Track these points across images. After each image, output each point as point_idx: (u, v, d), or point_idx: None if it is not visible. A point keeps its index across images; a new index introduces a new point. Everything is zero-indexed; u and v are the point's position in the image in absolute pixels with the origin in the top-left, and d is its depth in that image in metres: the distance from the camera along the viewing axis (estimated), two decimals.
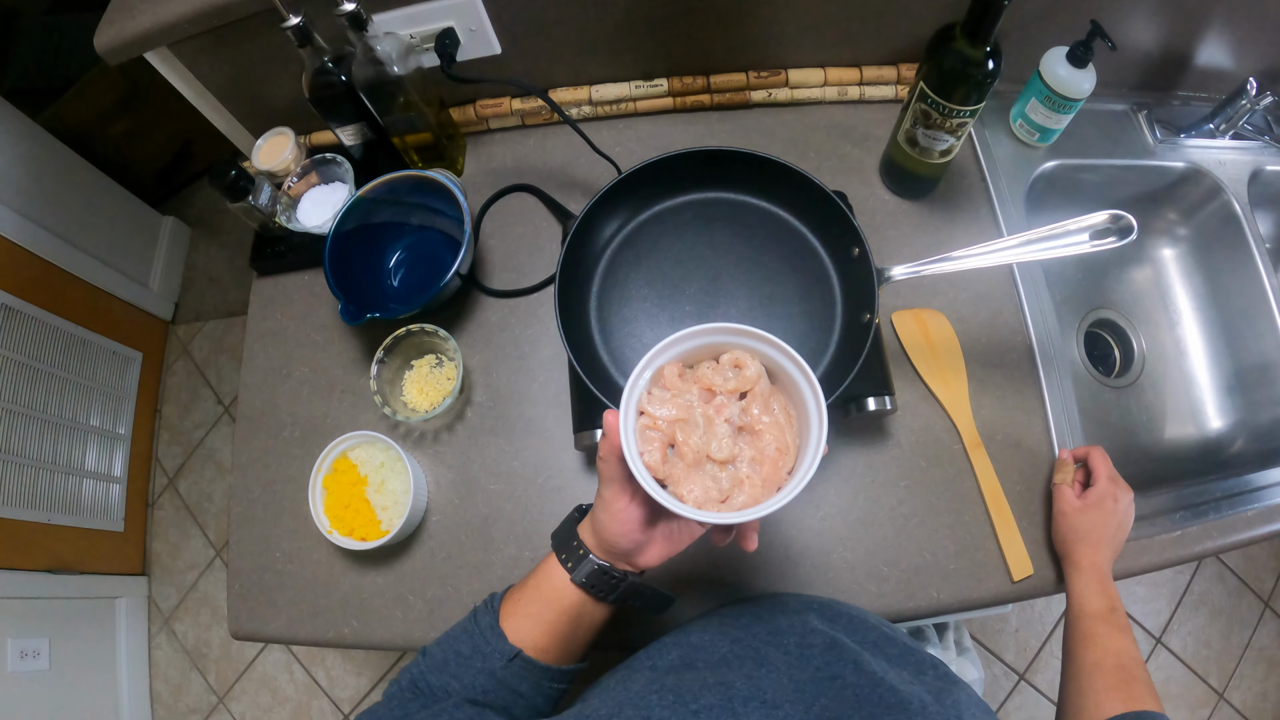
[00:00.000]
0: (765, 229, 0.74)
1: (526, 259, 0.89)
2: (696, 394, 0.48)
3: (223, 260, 2.18)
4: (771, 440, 0.47)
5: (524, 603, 0.53)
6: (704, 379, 0.48)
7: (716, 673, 0.44)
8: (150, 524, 1.98)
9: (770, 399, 0.48)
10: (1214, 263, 1.00)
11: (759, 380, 0.48)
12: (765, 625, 0.52)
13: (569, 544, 0.52)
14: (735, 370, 0.48)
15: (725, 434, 0.47)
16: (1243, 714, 1.65)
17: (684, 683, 0.43)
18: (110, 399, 1.89)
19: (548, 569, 0.53)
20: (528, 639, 0.51)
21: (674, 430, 0.46)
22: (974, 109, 0.72)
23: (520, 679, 0.51)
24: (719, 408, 0.47)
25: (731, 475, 0.47)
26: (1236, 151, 0.95)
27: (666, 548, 0.53)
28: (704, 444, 0.46)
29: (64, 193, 1.80)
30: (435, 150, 0.89)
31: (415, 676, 0.51)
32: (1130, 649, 0.61)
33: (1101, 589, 0.66)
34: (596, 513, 0.51)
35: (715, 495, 0.46)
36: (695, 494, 0.46)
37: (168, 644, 1.88)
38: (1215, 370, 0.99)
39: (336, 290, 0.79)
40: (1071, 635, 0.65)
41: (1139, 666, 0.60)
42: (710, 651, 0.48)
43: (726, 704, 0.40)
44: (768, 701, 0.41)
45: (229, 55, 0.84)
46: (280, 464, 0.85)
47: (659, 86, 0.91)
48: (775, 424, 0.47)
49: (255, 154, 0.91)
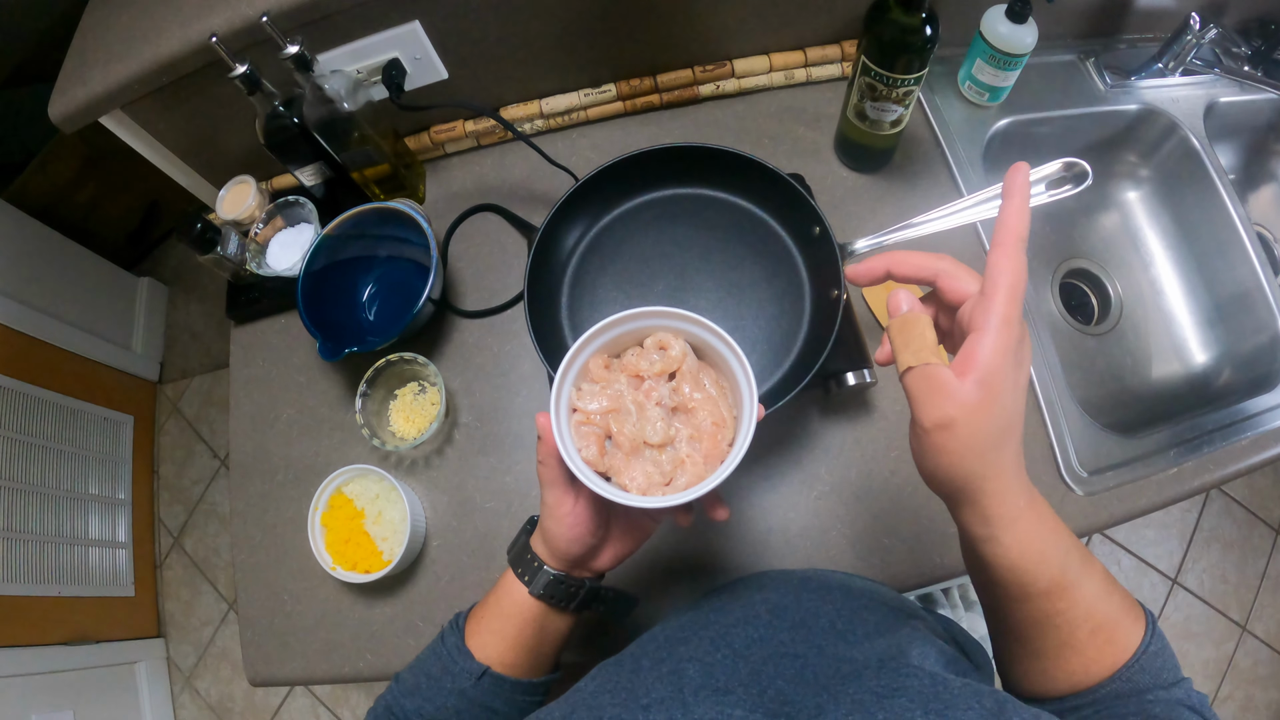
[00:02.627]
0: (726, 219, 0.75)
1: (497, 277, 0.89)
2: (625, 382, 0.48)
3: (202, 314, 2.19)
4: (706, 415, 0.47)
5: (487, 619, 0.53)
6: (630, 366, 0.48)
7: (671, 662, 0.43)
8: (160, 585, 1.98)
9: (699, 374, 0.48)
10: (1179, 200, 1.00)
11: (685, 359, 0.48)
12: (739, 603, 0.51)
13: (524, 558, 0.52)
14: (660, 352, 0.48)
15: (658, 417, 0.47)
16: (1267, 642, 1.66)
17: (637, 679, 0.42)
18: (107, 465, 1.89)
19: (507, 584, 0.53)
20: (494, 655, 0.51)
21: (607, 422, 0.47)
22: (918, 76, 0.73)
23: (491, 695, 0.51)
24: (648, 392, 0.47)
25: (672, 456, 0.47)
26: (1188, 87, 0.95)
27: (621, 548, 0.53)
28: (639, 430, 0.46)
29: (37, 265, 1.80)
30: (395, 181, 0.90)
31: (390, 703, 0.52)
32: (1099, 587, 0.42)
33: (1043, 542, 0.39)
34: (544, 521, 0.50)
35: (658, 479, 0.46)
36: (638, 481, 0.46)
37: (191, 703, 1.87)
38: (1194, 305, 1.00)
39: (312, 329, 0.80)
40: (1018, 617, 0.42)
41: (1113, 598, 0.42)
42: (674, 640, 0.47)
43: (677, 695, 0.40)
44: (720, 688, 0.40)
45: (183, 111, 0.85)
46: (278, 507, 0.85)
47: (607, 92, 0.92)
48: (708, 399, 0.47)
49: (219, 205, 0.91)
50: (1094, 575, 0.42)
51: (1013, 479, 0.38)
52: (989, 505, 0.38)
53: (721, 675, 0.42)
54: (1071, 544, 0.41)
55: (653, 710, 0.38)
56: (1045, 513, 0.41)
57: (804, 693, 0.39)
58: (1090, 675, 0.41)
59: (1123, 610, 0.42)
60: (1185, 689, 0.41)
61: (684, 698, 0.39)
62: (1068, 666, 0.42)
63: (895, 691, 0.36)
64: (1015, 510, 0.39)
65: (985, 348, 0.36)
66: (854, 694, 0.37)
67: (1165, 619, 1.68)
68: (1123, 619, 0.42)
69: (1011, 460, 0.38)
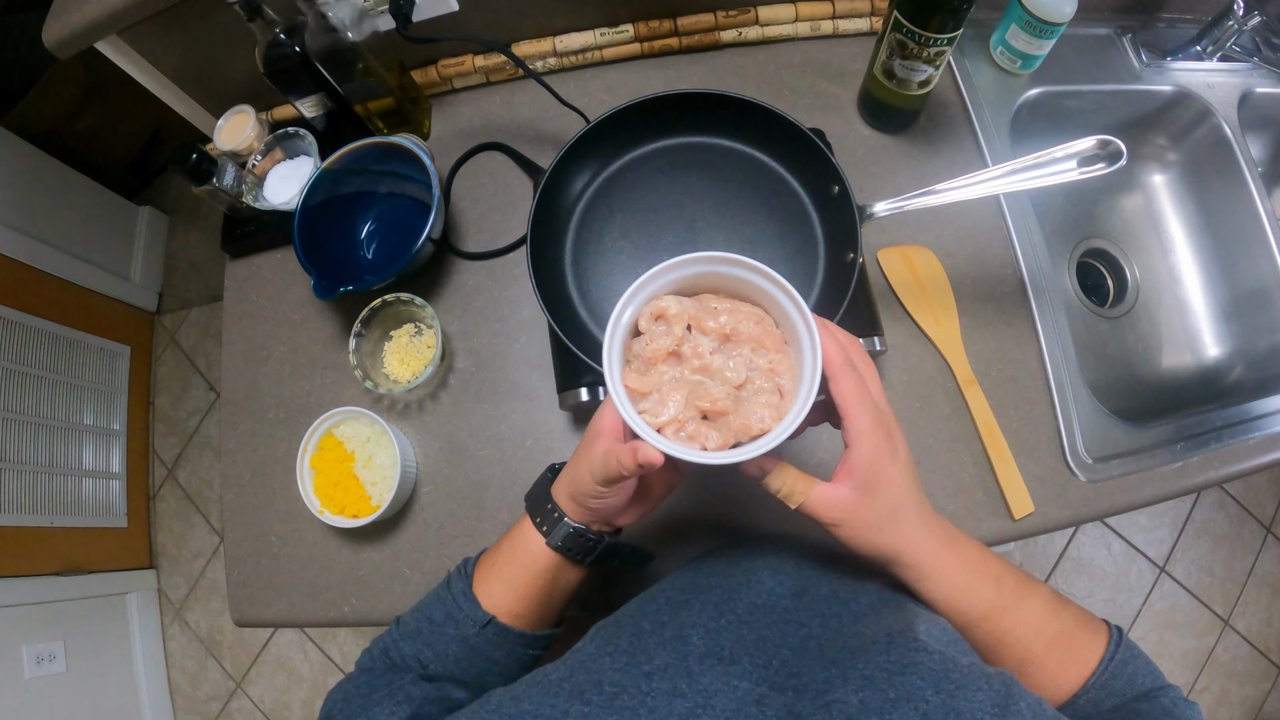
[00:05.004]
0: (741, 172, 0.72)
1: (500, 219, 0.87)
2: (669, 362, 0.45)
3: (202, 245, 2.16)
4: (751, 327, 0.45)
5: (498, 567, 0.52)
6: (691, 353, 0.45)
7: (673, 627, 0.43)
8: (153, 516, 1.99)
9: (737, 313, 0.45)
10: (1206, 188, 0.97)
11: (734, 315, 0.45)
12: (739, 569, 0.50)
13: (543, 507, 0.51)
14: (714, 319, 0.45)
15: (724, 366, 0.44)
16: (1248, 639, 1.67)
17: (638, 642, 0.41)
18: (102, 395, 1.88)
19: (521, 532, 0.52)
20: (501, 605, 0.50)
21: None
22: (951, 37, 0.70)
23: (494, 646, 0.50)
24: (696, 349, 0.44)
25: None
26: (1225, 74, 0.92)
27: (645, 504, 0.52)
28: (715, 390, 0.43)
29: (36, 193, 1.78)
30: (399, 115, 0.87)
31: (387, 645, 0.51)
32: (1044, 606, 0.45)
33: (968, 573, 0.45)
34: (576, 474, 0.48)
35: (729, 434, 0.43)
36: (714, 438, 0.43)
37: (181, 634, 1.90)
38: (1210, 297, 0.98)
39: (308, 266, 0.78)
40: (972, 643, 0.45)
41: (1063, 614, 0.46)
42: (675, 604, 0.46)
43: (681, 662, 0.39)
44: (725, 657, 0.40)
45: (181, 37, 0.82)
46: (268, 447, 0.84)
47: (625, 32, 0.88)
48: (747, 315, 0.45)
49: (217, 134, 0.89)
50: (1036, 596, 0.46)
51: (921, 536, 0.44)
52: (906, 559, 0.44)
53: (726, 643, 0.41)
54: (1002, 571, 0.46)
55: (655, 677, 0.38)
56: (967, 549, 0.46)
57: (810, 665, 0.39)
58: (1060, 687, 0.44)
59: (1078, 624, 0.45)
60: (1172, 697, 0.43)
61: (688, 665, 0.39)
62: (1035, 681, 0.44)
63: (905, 668, 0.36)
64: (931, 556, 0.44)
65: (854, 458, 0.42)
66: (864, 669, 0.36)
67: (1150, 607, 1.69)
68: (1078, 632, 0.45)
69: (913, 523, 0.44)
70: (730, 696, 0.37)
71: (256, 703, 1.83)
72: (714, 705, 0.36)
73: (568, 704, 0.37)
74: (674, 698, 0.37)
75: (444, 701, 0.46)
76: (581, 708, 0.36)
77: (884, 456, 0.42)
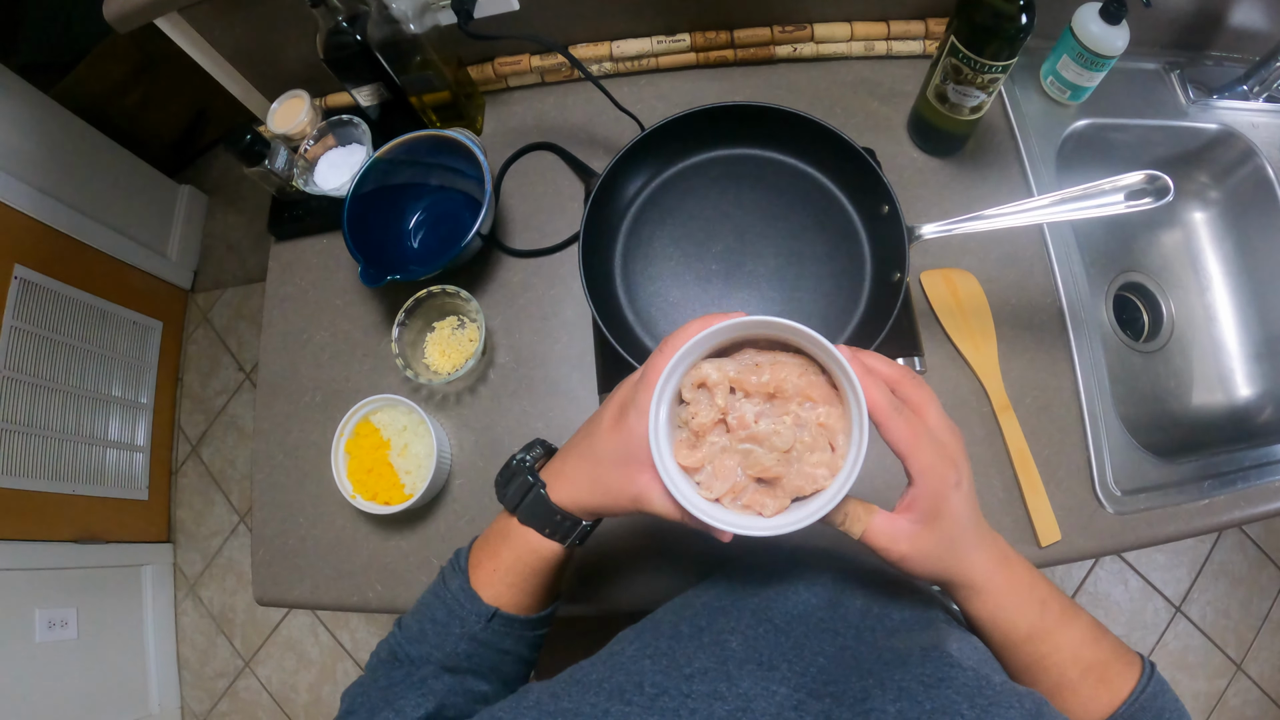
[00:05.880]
0: (792, 186, 0.73)
1: (548, 219, 0.88)
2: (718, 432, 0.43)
3: (240, 227, 2.18)
4: (795, 380, 0.43)
5: (496, 559, 0.50)
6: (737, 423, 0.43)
7: (712, 632, 0.43)
8: (174, 492, 2.01)
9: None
10: (1246, 227, 0.97)
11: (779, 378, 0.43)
12: (776, 577, 0.51)
13: (551, 520, 0.48)
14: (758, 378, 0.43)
15: (772, 429, 0.42)
16: (1259, 685, 1.65)
17: (678, 645, 0.42)
18: (131, 369, 1.91)
19: (522, 532, 0.49)
20: (504, 596, 0.49)
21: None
22: (1006, 64, 0.70)
23: (502, 637, 0.49)
24: (741, 418, 0.43)
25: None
26: (1270, 114, 0.92)
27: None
28: (769, 458, 0.42)
29: (79, 166, 1.80)
30: (453, 109, 0.88)
31: (394, 648, 0.50)
32: (1084, 634, 0.46)
33: (1017, 595, 0.45)
34: (599, 488, 0.46)
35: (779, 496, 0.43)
36: (770, 505, 0.42)
37: (194, 610, 1.91)
38: (1245, 337, 0.97)
39: (356, 253, 0.79)
40: (1010, 663, 0.47)
41: (1101, 644, 0.46)
42: (712, 610, 0.46)
43: (720, 666, 0.39)
44: (763, 663, 0.40)
45: (241, 19, 0.83)
46: (302, 429, 0.85)
47: (681, 41, 0.89)
48: (786, 365, 0.43)
49: (270, 118, 0.90)
50: (1078, 623, 0.46)
51: (976, 556, 0.44)
52: (961, 580, 0.44)
53: (764, 649, 0.41)
54: (1049, 595, 0.46)
55: (696, 680, 0.38)
56: (1019, 570, 0.46)
57: (846, 674, 0.39)
58: (1090, 715, 0.44)
59: (1114, 654, 0.46)
60: None
61: (728, 670, 0.39)
62: (1066, 706, 0.45)
63: (941, 682, 0.36)
64: (985, 575, 0.44)
65: (915, 494, 0.42)
66: (900, 681, 0.37)
67: (1163, 646, 1.67)
68: (1113, 662, 0.45)
69: (971, 545, 0.44)
70: (769, 701, 0.37)
71: (264, 682, 1.84)
72: (753, 709, 0.37)
73: (608, 703, 0.37)
74: (714, 700, 0.37)
75: (468, 694, 0.46)
76: (623, 708, 0.37)
77: (947, 489, 0.42)
